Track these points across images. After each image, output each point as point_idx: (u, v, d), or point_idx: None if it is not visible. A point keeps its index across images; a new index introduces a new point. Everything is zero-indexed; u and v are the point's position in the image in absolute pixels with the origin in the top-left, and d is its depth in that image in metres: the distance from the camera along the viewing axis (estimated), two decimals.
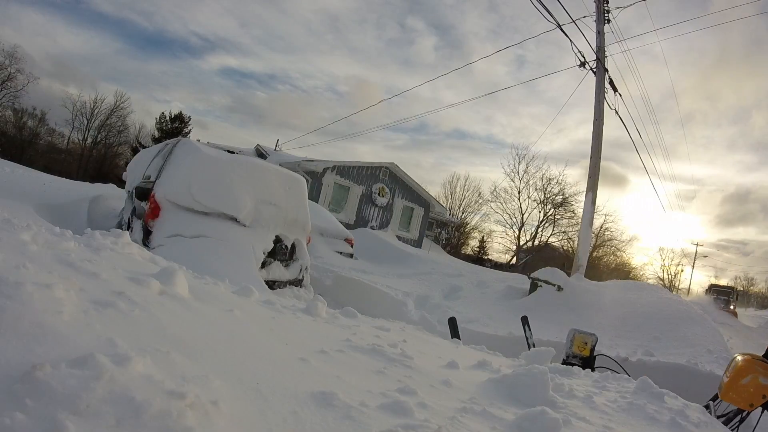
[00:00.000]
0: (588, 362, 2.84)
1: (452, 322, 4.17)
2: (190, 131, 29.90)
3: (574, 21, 8.86)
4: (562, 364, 2.85)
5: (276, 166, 5.21)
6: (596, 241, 25.31)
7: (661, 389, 1.91)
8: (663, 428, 1.54)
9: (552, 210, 25.01)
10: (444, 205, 23.49)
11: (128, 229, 4.69)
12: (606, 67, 9.64)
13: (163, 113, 30.53)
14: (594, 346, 2.92)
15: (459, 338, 3.96)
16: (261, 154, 19.42)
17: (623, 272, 27.57)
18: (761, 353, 2.13)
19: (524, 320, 3.96)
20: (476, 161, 52.17)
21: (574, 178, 35.39)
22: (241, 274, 3.81)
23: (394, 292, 6.03)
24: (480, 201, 27.26)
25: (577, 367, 2.51)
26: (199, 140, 14.48)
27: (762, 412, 1.87)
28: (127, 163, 7.92)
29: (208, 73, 52.65)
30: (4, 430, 0.63)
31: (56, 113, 30.83)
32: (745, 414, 1.92)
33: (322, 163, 16.72)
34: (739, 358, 1.99)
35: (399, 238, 16.14)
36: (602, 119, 9.63)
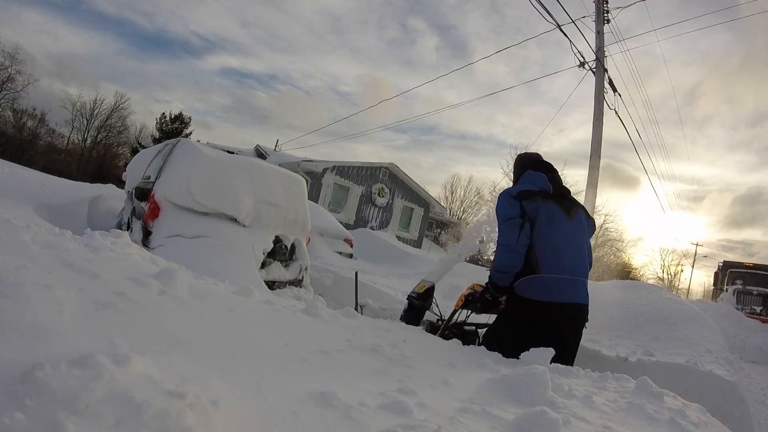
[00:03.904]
0: (422, 297, 3.45)
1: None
2: (191, 132, 29.92)
3: (573, 21, 8.88)
4: (407, 299, 3.54)
5: (276, 167, 5.21)
6: (596, 240, 25.22)
7: (660, 389, 1.90)
8: (662, 428, 1.54)
9: None
10: (444, 205, 23.48)
11: (128, 230, 4.69)
12: (606, 67, 9.65)
13: (163, 113, 30.63)
14: (429, 288, 3.50)
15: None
16: (261, 154, 19.43)
17: (624, 272, 27.42)
18: None
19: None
20: (477, 161, 52.27)
21: (575, 178, 35.47)
22: (241, 274, 3.81)
23: (394, 292, 6.03)
24: (480, 201, 27.31)
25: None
26: (198, 141, 14.50)
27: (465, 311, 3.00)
28: (126, 164, 7.93)
29: (208, 74, 52.79)
30: (4, 430, 0.63)
31: (56, 113, 30.96)
32: (454, 312, 3.02)
33: (322, 163, 16.73)
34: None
35: (399, 238, 16.16)
36: (602, 119, 9.64)
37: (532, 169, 2.78)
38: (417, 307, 3.46)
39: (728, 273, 13.33)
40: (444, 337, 2.85)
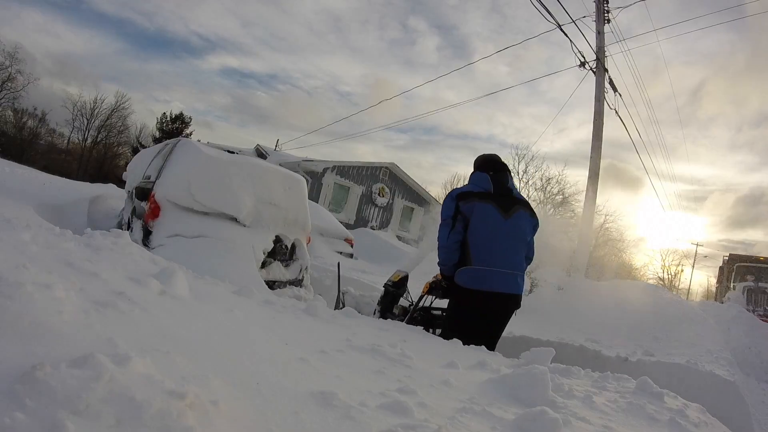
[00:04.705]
0: (397, 285, 3.71)
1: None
2: (191, 132, 29.90)
3: (574, 21, 8.88)
4: (384, 286, 3.80)
5: (276, 166, 5.20)
6: (596, 240, 25.07)
7: (661, 389, 1.91)
8: (662, 428, 1.54)
9: (552, 210, 24.93)
10: None
11: (128, 229, 4.69)
12: (606, 67, 9.64)
13: (164, 113, 30.63)
14: (403, 278, 3.75)
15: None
16: (261, 154, 19.42)
17: (624, 272, 27.23)
18: None
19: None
20: None
21: (575, 177, 35.39)
22: (241, 274, 3.81)
23: None
24: None
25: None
26: (199, 140, 14.50)
27: (429, 297, 3.36)
28: (127, 164, 7.93)
29: (208, 73, 52.78)
30: (4, 430, 0.63)
31: (57, 113, 30.92)
32: (421, 297, 3.39)
33: (322, 163, 16.72)
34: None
35: (399, 238, 16.14)
36: (602, 119, 9.63)
37: (480, 170, 3.08)
38: (392, 294, 3.75)
39: (736, 268, 11.28)
40: (413, 319, 3.31)
